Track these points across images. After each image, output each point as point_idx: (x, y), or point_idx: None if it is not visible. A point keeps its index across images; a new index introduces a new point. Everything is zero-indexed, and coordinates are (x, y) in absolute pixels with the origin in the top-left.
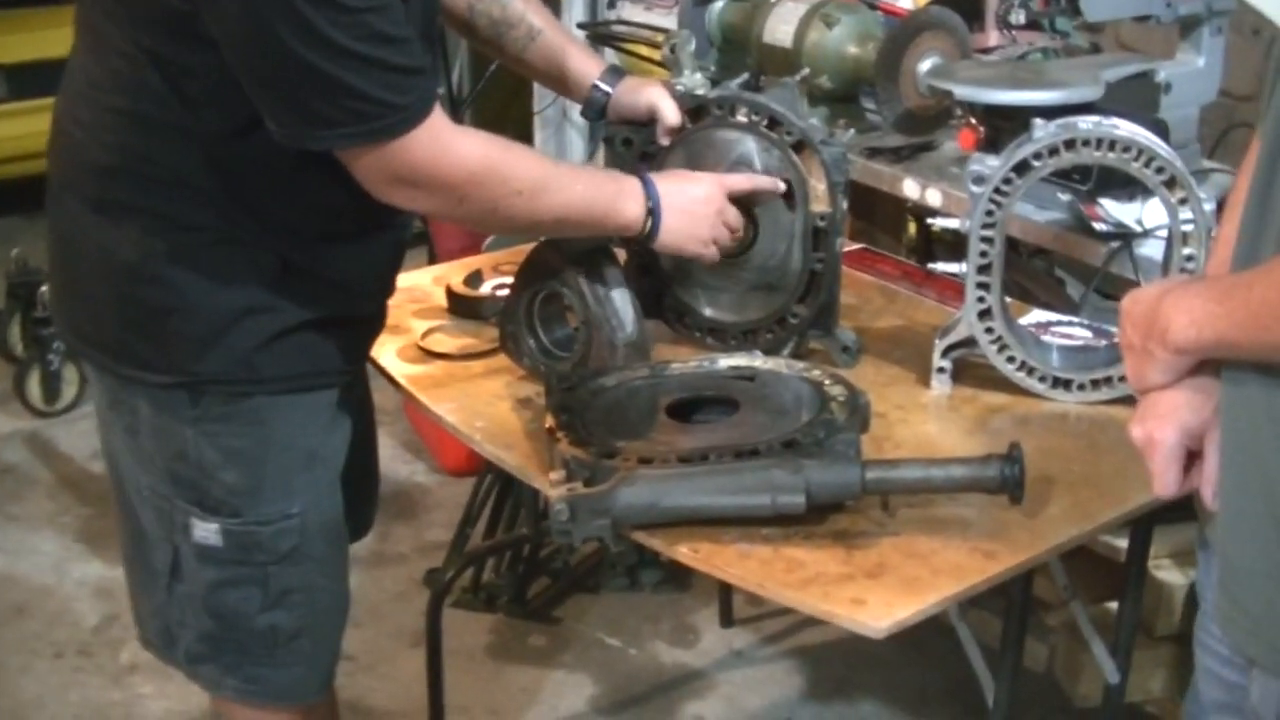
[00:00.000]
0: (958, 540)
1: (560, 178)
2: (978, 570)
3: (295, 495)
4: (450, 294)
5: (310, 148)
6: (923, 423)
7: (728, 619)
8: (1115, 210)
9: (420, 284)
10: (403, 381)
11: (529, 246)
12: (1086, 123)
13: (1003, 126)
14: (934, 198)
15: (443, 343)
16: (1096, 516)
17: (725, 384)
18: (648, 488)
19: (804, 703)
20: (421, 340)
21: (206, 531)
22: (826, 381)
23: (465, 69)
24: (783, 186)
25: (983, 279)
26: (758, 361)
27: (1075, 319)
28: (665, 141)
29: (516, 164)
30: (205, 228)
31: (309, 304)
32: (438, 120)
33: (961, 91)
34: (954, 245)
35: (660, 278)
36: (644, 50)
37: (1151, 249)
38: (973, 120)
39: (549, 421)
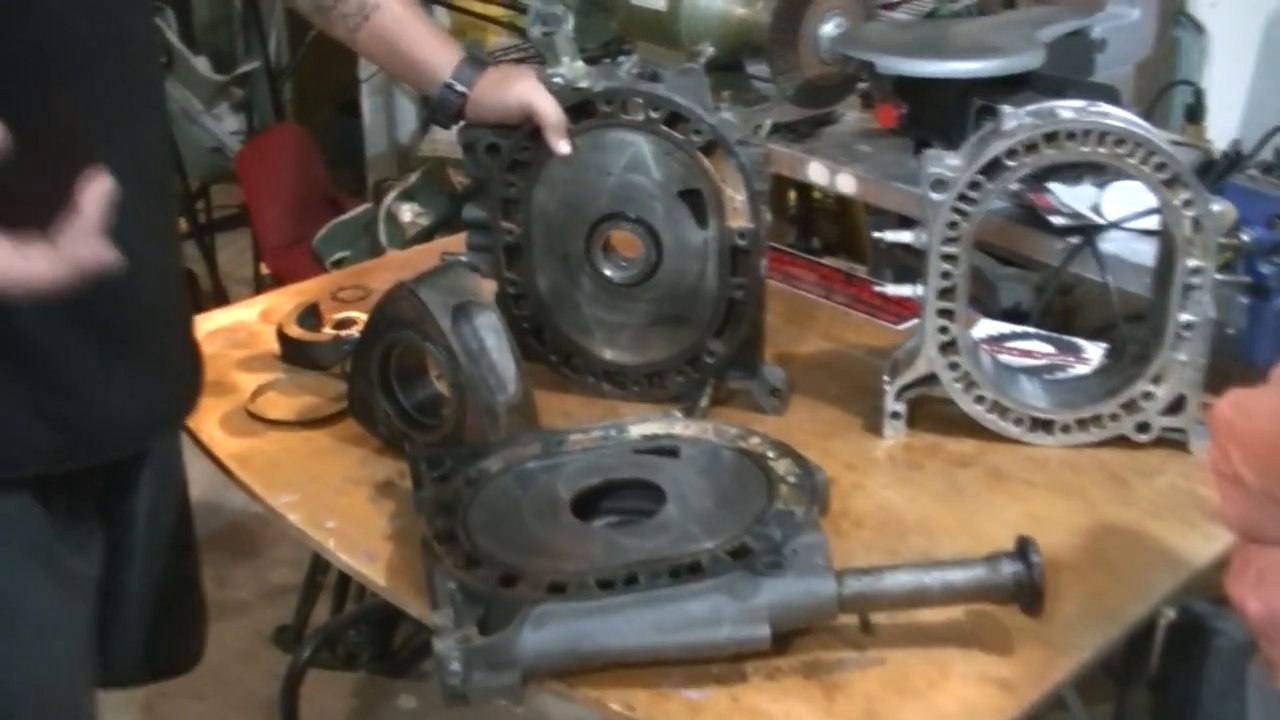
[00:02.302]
0: (960, 664)
1: None
2: (993, 710)
3: None
4: (283, 338)
5: None
6: (882, 487)
7: None
8: (1067, 197)
9: (245, 321)
10: (229, 464)
11: (375, 265)
12: (1068, 110)
13: (929, 100)
14: (846, 184)
15: (277, 405)
16: (1120, 615)
17: (642, 463)
18: (563, 628)
19: None
20: (251, 403)
21: None
22: (770, 454)
23: (283, 34)
24: None
25: (945, 305)
26: (678, 427)
27: (1031, 330)
28: (563, 149)
29: None
30: None
31: None
32: None
33: (884, 63)
34: (837, 215)
35: (540, 309)
36: (479, 6)
37: (1115, 244)
38: (889, 93)
39: (424, 530)
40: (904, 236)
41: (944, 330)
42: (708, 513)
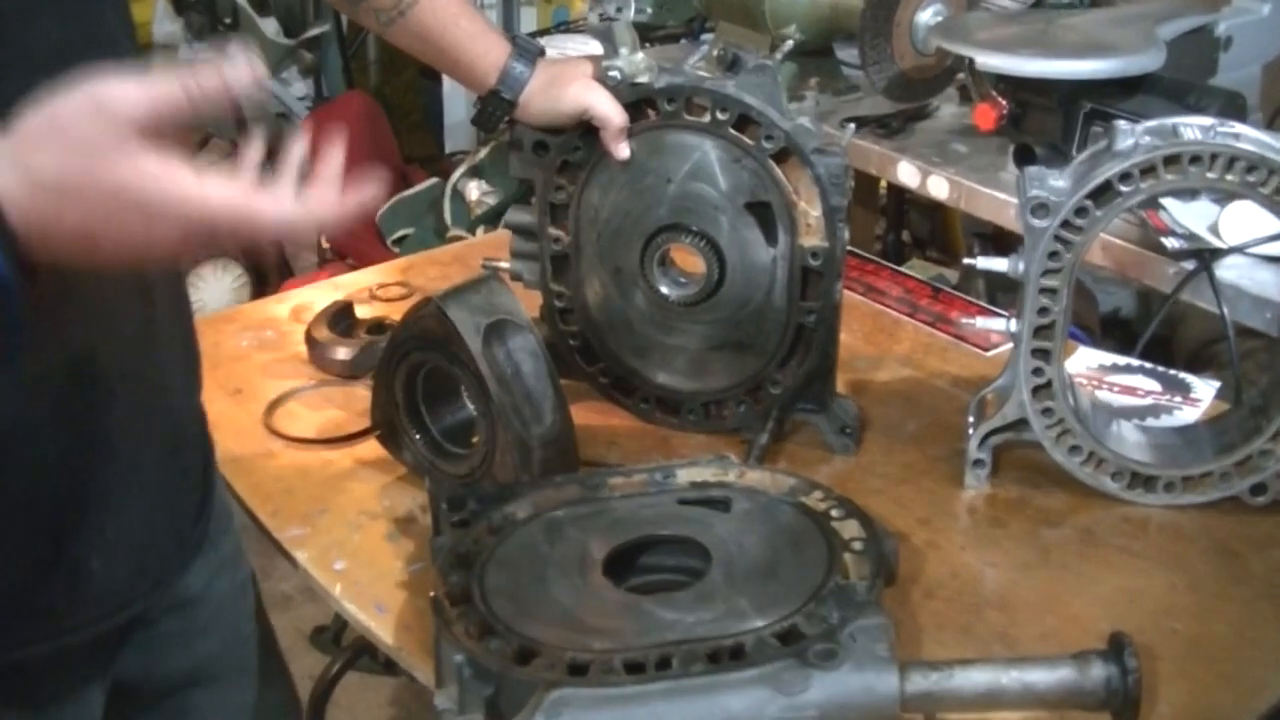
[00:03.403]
0: None
1: None
2: None
3: None
4: (311, 342)
5: None
6: (959, 548)
7: None
8: (1182, 215)
9: (276, 318)
10: (236, 487)
11: (422, 259)
12: (1192, 128)
13: (1033, 102)
14: (938, 188)
15: (297, 418)
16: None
17: (688, 517)
18: (580, 718)
19: None
20: (268, 415)
21: None
22: (834, 512)
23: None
24: None
25: (1042, 344)
26: (732, 475)
27: (1134, 362)
28: (622, 153)
29: None
30: None
31: None
32: None
33: (984, 59)
34: (931, 209)
35: (588, 325)
36: None
37: (1234, 271)
38: (993, 92)
39: (436, 586)
40: (999, 264)
41: (1039, 372)
42: (757, 582)
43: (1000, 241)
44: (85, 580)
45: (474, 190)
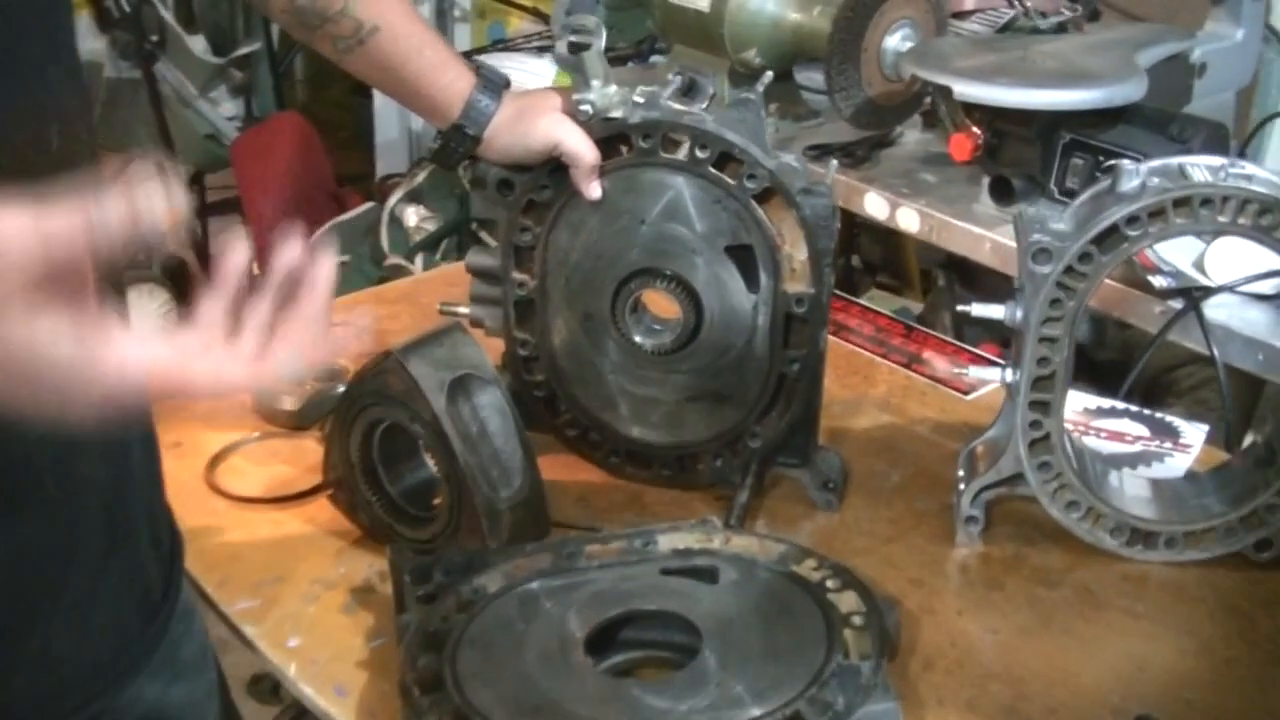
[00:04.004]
0: None
1: None
2: None
3: None
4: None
5: None
6: (956, 613)
7: None
8: (1167, 251)
9: None
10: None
11: (370, 295)
12: (1200, 169)
13: (1010, 132)
14: (909, 220)
15: (242, 475)
16: None
17: (672, 590)
18: None
19: None
20: (210, 471)
21: None
22: (830, 583)
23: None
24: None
25: (1040, 396)
26: (716, 541)
27: (1120, 405)
28: (594, 193)
29: None
30: None
31: None
32: None
33: (964, 88)
34: (883, 232)
35: (555, 375)
36: None
37: (1223, 310)
38: (968, 122)
39: (403, 671)
40: (995, 312)
41: (1036, 425)
42: (753, 663)
43: (964, 271)
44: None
45: (412, 216)
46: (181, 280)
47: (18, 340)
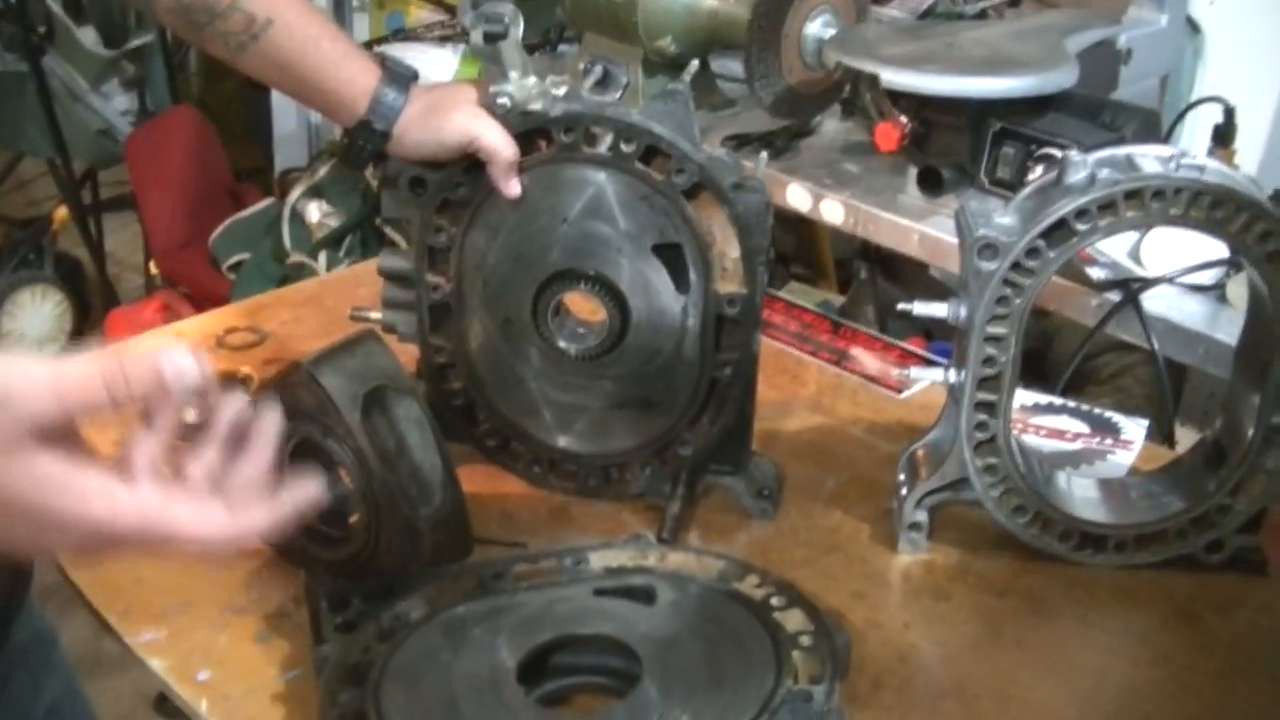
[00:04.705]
0: None
1: None
2: None
3: None
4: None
5: None
6: (903, 627)
7: None
8: (1102, 242)
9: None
10: (75, 579)
11: (272, 299)
12: (1150, 159)
13: (939, 121)
14: (833, 212)
15: None
16: None
17: (607, 612)
18: None
19: None
20: None
21: None
22: (774, 600)
23: None
24: None
25: (986, 397)
26: (651, 558)
27: (1057, 400)
28: (513, 190)
29: None
30: None
31: None
32: None
33: (892, 76)
34: (795, 221)
35: (473, 383)
36: None
37: (1160, 301)
38: (893, 110)
39: (322, 709)
40: (937, 310)
41: (982, 426)
42: (699, 691)
43: (885, 262)
44: None
45: (314, 211)
46: (76, 281)
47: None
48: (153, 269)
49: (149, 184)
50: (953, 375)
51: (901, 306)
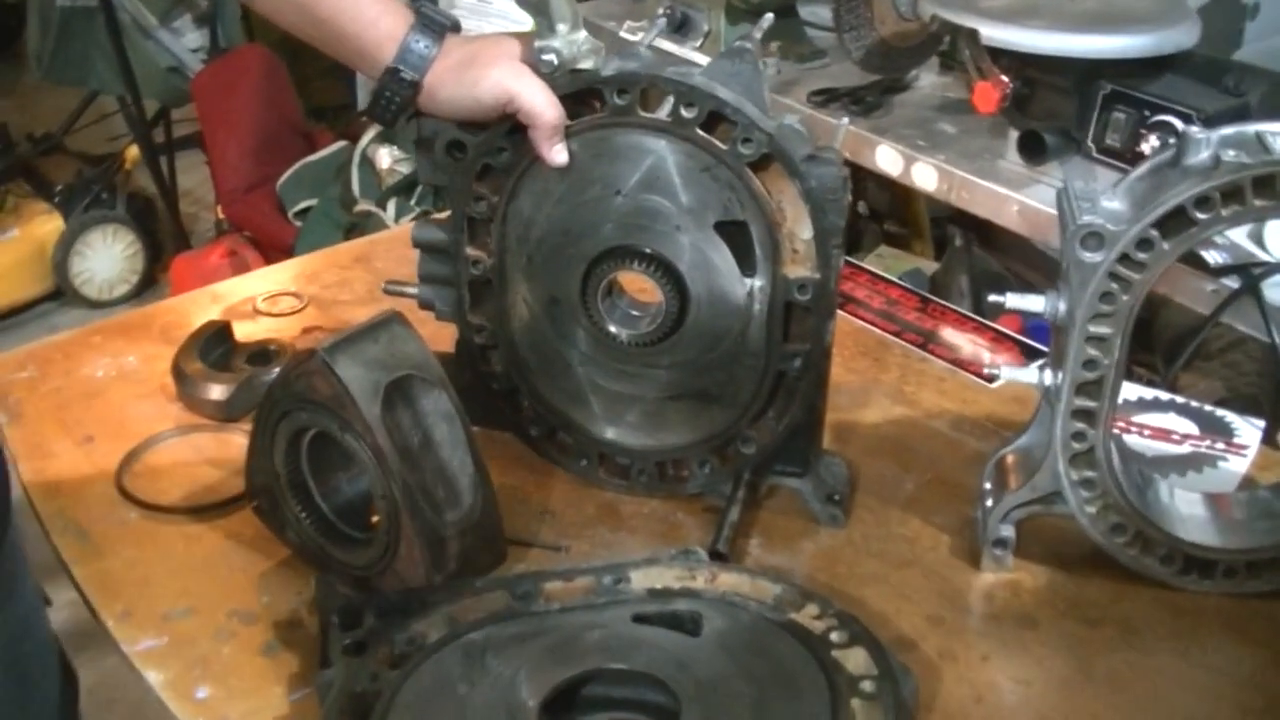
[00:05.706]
0: None
1: None
2: None
3: None
4: (179, 375)
5: None
6: (982, 659)
7: None
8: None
9: (140, 336)
10: (77, 576)
11: (322, 257)
12: None
13: (1044, 81)
14: (925, 177)
15: (157, 476)
16: None
17: (645, 643)
18: None
19: None
20: (123, 472)
21: None
22: (834, 636)
23: None
24: None
25: (1085, 404)
26: (700, 579)
27: (1165, 395)
28: (558, 158)
29: None
30: None
31: None
32: None
33: (993, 32)
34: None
35: (516, 367)
36: None
37: None
38: (995, 69)
39: None
40: (1033, 304)
41: (1080, 436)
42: None
43: (982, 228)
44: None
45: (385, 158)
46: (149, 221)
47: None
48: (219, 213)
49: (215, 124)
50: (1048, 377)
51: (993, 298)
